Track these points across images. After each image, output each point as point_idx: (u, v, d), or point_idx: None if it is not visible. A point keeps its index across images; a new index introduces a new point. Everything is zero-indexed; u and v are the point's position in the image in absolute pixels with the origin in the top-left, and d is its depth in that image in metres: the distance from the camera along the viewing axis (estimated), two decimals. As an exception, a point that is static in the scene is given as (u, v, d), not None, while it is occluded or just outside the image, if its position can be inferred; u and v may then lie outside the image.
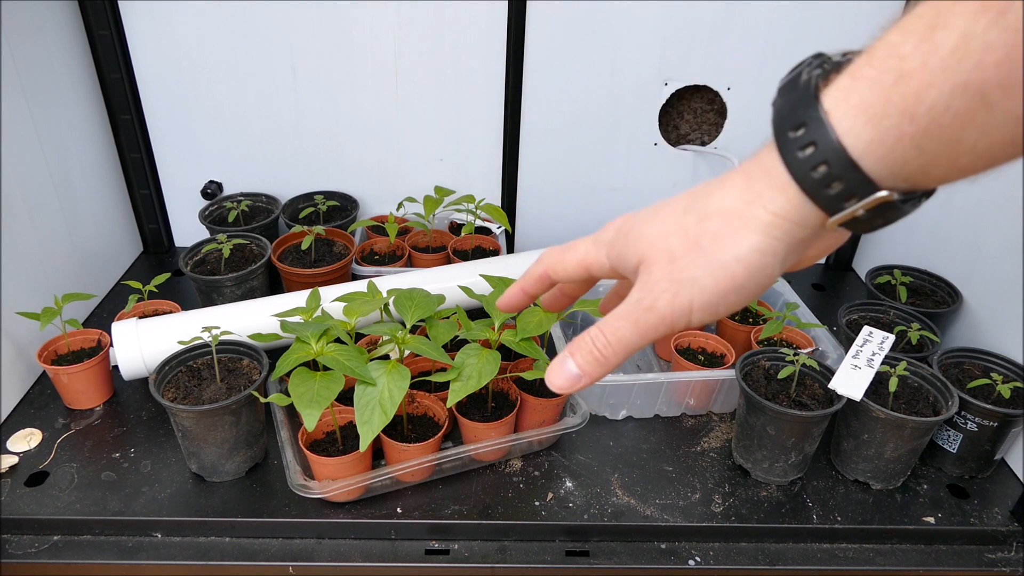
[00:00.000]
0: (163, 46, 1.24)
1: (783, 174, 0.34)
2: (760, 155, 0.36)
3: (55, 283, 1.12)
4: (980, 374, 0.97)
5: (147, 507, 0.86)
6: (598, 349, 0.40)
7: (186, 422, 0.85)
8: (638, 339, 0.39)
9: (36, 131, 1.09)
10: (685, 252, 0.37)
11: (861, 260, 1.46)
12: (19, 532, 0.85)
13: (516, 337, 0.89)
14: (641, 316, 0.39)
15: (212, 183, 1.36)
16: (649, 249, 0.39)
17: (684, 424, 1.04)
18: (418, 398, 0.93)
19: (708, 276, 0.37)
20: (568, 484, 0.92)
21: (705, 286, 0.37)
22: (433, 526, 0.86)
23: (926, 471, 0.97)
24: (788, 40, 1.25)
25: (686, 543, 0.87)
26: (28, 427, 0.98)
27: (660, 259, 0.38)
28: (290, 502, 0.88)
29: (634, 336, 0.39)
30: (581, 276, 0.46)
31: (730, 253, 0.36)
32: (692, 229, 0.38)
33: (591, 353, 0.41)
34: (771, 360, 0.97)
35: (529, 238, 1.46)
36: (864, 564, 0.86)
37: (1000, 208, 1.06)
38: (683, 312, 0.38)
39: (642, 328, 0.39)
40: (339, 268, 1.18)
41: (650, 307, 0.38)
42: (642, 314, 0.39)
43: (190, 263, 1.15)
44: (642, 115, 1.33)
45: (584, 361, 0.41)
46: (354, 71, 1.28)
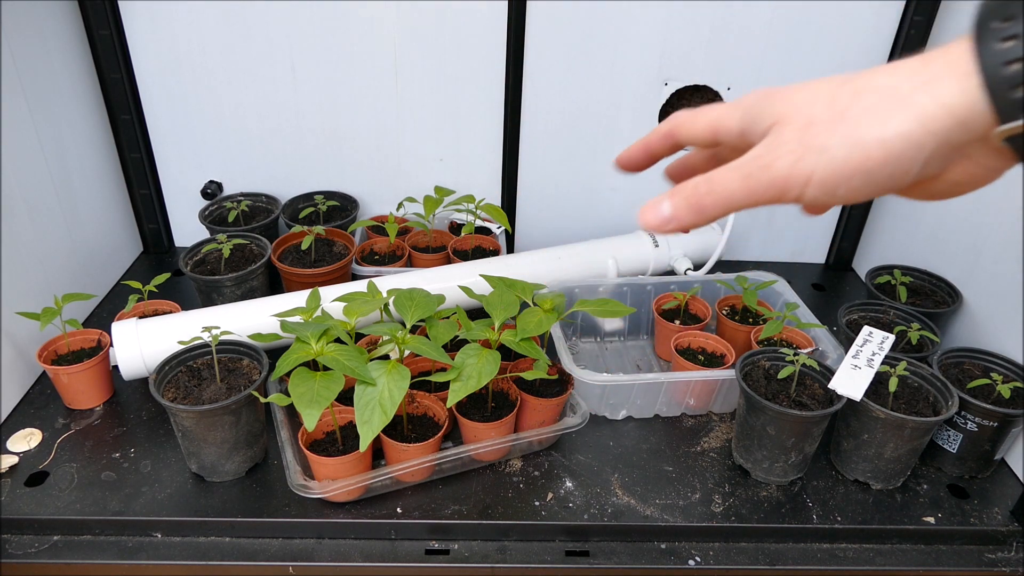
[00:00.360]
0: (163, 46, 1.24)
1: (969, 62, 0.32)
2: (947, 45, 0.33)
3: (55, 283, 1.12)
4: (980, 374, 0.97)
5: (147, 507, 0.86)
6: (698, 195, 0.38)
7: (186, 422, 0.85)
8: (743, 196, 0.36)
9: (36, 131, 1.09)
10: (826, 120, 0.35)
11: (861, 260, 1.46)
12: (19, 532, 0.85)
13: (516, 337, 0.89)
14: (754, 172, 0.36)
15: (212, 183, 1.36)
16: (789, 111, 0.36)
17: (684, 424, 1.04)
18: (418, 398, 0.93)
19: (841, 148, 0.34)
20: (568, 484, 0.92)
21: (834, 158, 0.34)
22: (433, 526, 0.86)
23: (926, 471, 0.97)
24: (788, 40, 1.25)
25: (686, 543, 0.87)
26: (28, 427, 0.98)
27: (796, 121, 0.36)
28: (290, 502, 0.88)
29: (740, 191, 0.37)
30: (707, 138, 0.43)
31: (875, 131, 0.33)
32: (843, 100, 0.35)
33: (689, 198, 0.38)
34: (771, 360, 0.97)
35: (529, 238, 1.46)
36: (864, 564, 0.86)
37: (1000, 208, 1.06)
38: (800, 179, 0.35)
39: (751, 185, 0.36)
40: (339, 268, 1.18)
41: (767, 165, 0.36)
42: (756, 170, 0.36)
43: (190, 263, 1.15)
44: (642, 115, 1.33)
45: (680, 203, 0.39)
46: (354, 71, 1.28)
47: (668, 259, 1.30)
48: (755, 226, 1.46)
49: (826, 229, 1.46)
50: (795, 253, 1.49)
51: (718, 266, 1.33)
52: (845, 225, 1.43)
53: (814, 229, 1.46)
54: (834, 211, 1.44)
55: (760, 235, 1.47)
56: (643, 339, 1.22)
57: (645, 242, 1.29)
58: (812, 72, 1.26)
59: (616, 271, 1.25)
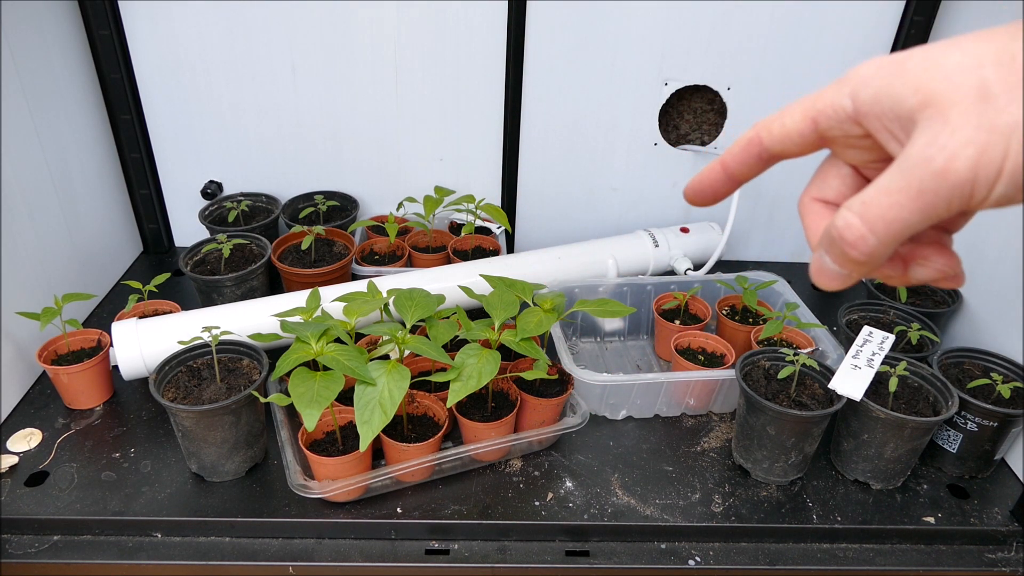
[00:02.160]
0: (163, 46, 1.24)
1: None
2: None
3: (55, 283, 1.12)
4: (980, 374, 0.97)
5: (147, 507, 0.86)
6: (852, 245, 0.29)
7: (186, 422, 0.85)
8: (919, 218, 0.27)
9: (36, 131, 1.09)
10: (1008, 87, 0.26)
11: (861, 260, 1.46)
12: (19, 532, 0.85)
13: (516, 337, 0.89)
14: (927, 182, 0.27)
15: (212, 183, 1.36)
16: (944, 83, 0.27)
17: (684, 424, 1.04)
18: (418, 398, 0.93)
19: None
20: (568, 484, 0.92)
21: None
22: (433, 526, 0.86)
23: (926, 471, 0.97)
24: (788, 40, 1.25)
25: (686, 543, 0.87)
26: (28, 427, 0.98)
27: (962, 97, 0.26)
28: (290, 502, 0.88)
29: (914, 215, 0.27)
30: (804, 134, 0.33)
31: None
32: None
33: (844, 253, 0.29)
34: (771, 360, 0.97)
35: (529, 238, 1.46)
36: (864, 564, 0.86)
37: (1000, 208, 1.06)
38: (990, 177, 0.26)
39: (927, 202, 0.27)
40: (339, 268, 1.18)
41: (943, 170, 0.26)
42: (928, 178, 0.27)
43: (190, 263, 1.15)
44: (642, 115, 1.33)
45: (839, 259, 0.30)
46: (354, 71, 1.28)
47: (668, 259, 1.30)
48: (755, 226, 1.46)
49: (826, 229, 1.46)
50: (795, 253, 1.49)
51: (718, 266, 1.33)
52: (845, 225, 1.43)
53: (814, 229, 1.46)
54: (834, 211, 1.44)
55: (760, 235, 1.47)
56: (643, 339, 1.22)
57: (645, 242, 1.29)
58: (812, 72, 1.26)
59: (616, 271, 1.25)
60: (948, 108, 0.27)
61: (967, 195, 0.27)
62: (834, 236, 0.29)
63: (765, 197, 1.42)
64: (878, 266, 0.30)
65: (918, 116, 0.27)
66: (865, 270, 0.30)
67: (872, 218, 0.28)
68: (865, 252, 0.29)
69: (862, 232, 0.28)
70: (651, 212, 1.43)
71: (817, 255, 0.31)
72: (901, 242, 0.29)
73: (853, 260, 0.29)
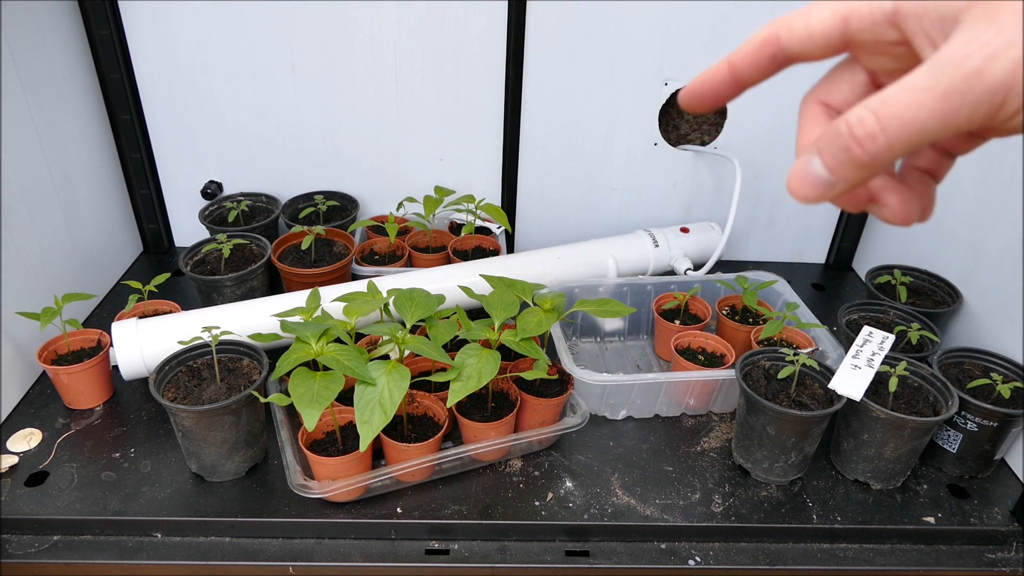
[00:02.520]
0: (163, 46, 1.24)
1: None
2: None
3: (55, 283, 1.12)
4: (980, 374, 0.97)
5: (147, 507, 0.86)
6: (859, 142, 0.26)
7: (186, 422, 0.85)
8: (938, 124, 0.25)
9: (36, 131, 1.09)
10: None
11: (861, 260, 1.46)
12: (19, 532, 0.85)
13: (516, 337, 0.89)
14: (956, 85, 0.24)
15: (212, 183, 1.36)
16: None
17: (684, 424, 1.04)
18: (418, 398, 0.93)
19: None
20: (568, 484, 0.92)
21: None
22: (433, 526, 0.86)
23: (926, 471, 0.97)
24: (788, 40, 1.25)
25: (686, 543, 0.87)
26: (28, 427, 0.98)
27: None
28: (290, 502, 0.88)
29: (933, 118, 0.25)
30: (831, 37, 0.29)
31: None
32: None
33: (848, 151, 0.26)
34: (771, 360, 0.97)
35: (529, 238, 1.46)
36: (864, 564, 0.86)
37: (1000, 208, 1.06)
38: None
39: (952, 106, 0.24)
40: (339, 268, 1.18)
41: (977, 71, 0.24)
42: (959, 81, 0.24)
43: (190, 263, 1.15)
44: (642, 115, 1.33)
45: (836, 161, 0.27)
46: (354, 71, 1.28)
47: (668, 259, 1.30)
48: (755, 226, 1.46)
49: (826, 229, 1.46)
50: (795, 253, 1.49)
51: (718, 266, 1.33)
52: (845, 225, 1.43)
53: (814, 229, 1.46)
54: (834, 210, 1.44)
55: (760, 235, 1.47)
56: (643, 339, 1.22)
57: (645, 242, 1.29)
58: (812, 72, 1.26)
59: (616, 271, 1.25)
60: (998, 9, 0.24)
61: (997, 104, 0.24)
62: (841, 131, 0.26)
63: (765, 197, 1.42)
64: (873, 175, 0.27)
65: (963, 16, 0.25)
66: (860, 176, 0.27)
67: (886, 115, 0.25)
68: (871, 152, 0.26)
69: (873, 129, 0.25)
70: (651, 212, 1.43)
71: (804, 158, 0.28)
72: (911, 150, 0.26)
73: (854, 160, 0.26)
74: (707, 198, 1.42)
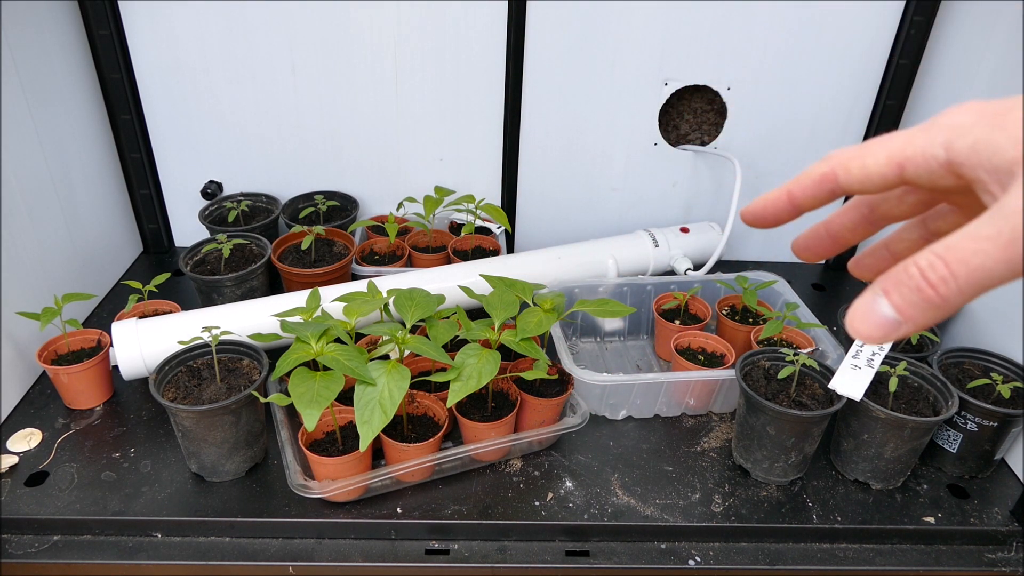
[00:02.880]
0: (163, 46, 1.24)
1: None
2: None
3: (55, 283, 1.12)
4: (980, 374, 0.97)
5: (147, 507, 0.86)
6: (933, 285, 0.27)
7: (186, 422, 0.85)
8: (1006, 270, 0.26)
9: (36, 131, 1.09)
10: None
11: (861, 260, 1.46)
12: (19, 532, 0.85)
13: (516, 337, 0.89)
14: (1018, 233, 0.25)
15: (212, 183, 1.36)
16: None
17: (684, 424, 1.04)
18: (418, 398, 0.93)
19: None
20: (568, 484, 0.92)
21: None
22: (433, 526, 0.86)
23: (926, 471, 0.97)
24: (788, 40, 1.25)
25: (686, 543, 0.87)
26: (28, 427, 0.98)
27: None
28: (290, 502, 0.88)
29: (1000, 265, 0.26)
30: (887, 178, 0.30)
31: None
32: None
33: (920, 292, 0.27)
34: (771, 360, 0.97)
35: (529, 238, 1.46)
36: (864, 564, 0.86)
37: None
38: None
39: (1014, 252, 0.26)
40: (339, 268, 1.18)
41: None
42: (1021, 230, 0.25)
43: (190, 263, 1.15)
44: (642, 115, 1.33)
45: (907, 302, 0.27)
46: (354, 71, 1.28)
47: (668, 259, 1.30)
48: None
49: (826, 229, 1.46)
50: (795, 253, 1.49)
51: (718, 266, 1.33)
52: (845, 225, 1.43)
53: (814, 229, 1.46)
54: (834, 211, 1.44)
55: (760, 235, 1.47)
56: (643, 339, 1.22)
57: (645, 242, 1.29)
58: (812, 72, 1.26)
59: (616, 271, 1.25)
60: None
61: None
62: (912, 273, 0.27)
63: (765, 197, 1.41)
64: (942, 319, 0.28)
65: (1018, 168, 0.26)
66: (930, 319, 0.28)
67: (954, 261, 0.26)
68: (943, 295, 0.27)
69: (945, 274, 0.26)
70: (651, 212, 1.43)
71: (870, 297, 0.28)
72: (979, 294, 0.27)
73: (927, 302, 0.27)
74: (707, 198, 1.42)
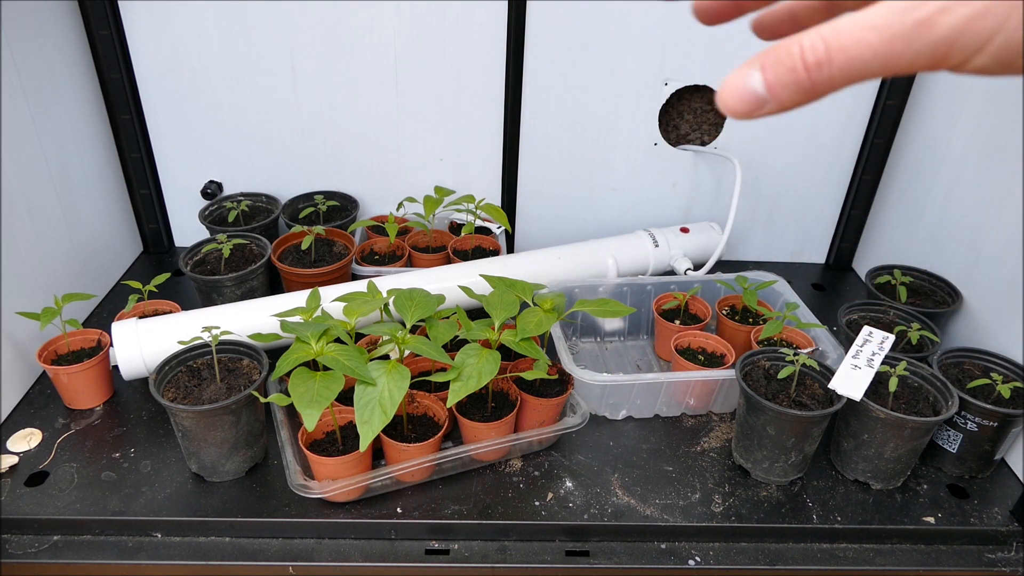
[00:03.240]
0: (163, 46, 1.24)
1: None
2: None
3: (55, 283, 1.12)
4: (980, 374, 0.97)
5: (147, 507, 0.86)
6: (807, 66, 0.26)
7: (186, 422, 0.85)
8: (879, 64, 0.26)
9: (36, 131, 1.09)
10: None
11: (861, 260, 1.46)
12: (19, 532, 0.85)
13: (516, 337, 0.89)
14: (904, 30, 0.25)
15: (212, 183, 1.36)
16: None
17: (684, 424, 1.04)
18: (418, 398, 0.93)
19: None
20: (568, 484, 0.92)
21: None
22: (433, 526, 0.86)
23: (926, 471, 0.97)
24: (788, 40, 1.25)
25: (686, 543, 0.87)
26: (28, 427, 0.98)
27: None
28: (290, 502, 0.88)
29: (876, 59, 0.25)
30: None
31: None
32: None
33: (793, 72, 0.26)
34: (771, 360, 0.97)
35: (529, 238, 1.46)
36: (864, 564, 0.86)
37: (1000, 208, 1.06)
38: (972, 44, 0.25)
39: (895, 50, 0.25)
40: (339, 268, 1.18)
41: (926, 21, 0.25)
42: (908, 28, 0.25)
43: (190, 263, 1.15)
44: (642, 115, 1.33)
45: (778, 78, 0.27)
46: (354, 71, 1.28)
47: (668, 259, 1.30)
48: (755, 226, 1.46)
49: (826, 229, 1.46)
50: (795, 253, 1.49)
51: (718, 266, 1.33)
52: (845, 225, 1.43)
53: (814, 229, 1.46)
54: (835, 211, 1.44)
55: (760, 235, 1.47)
56: (643, 339, 1.22)
57: (645, 242, 1.29)
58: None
59: (616, 271, 1.25)
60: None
61: (940, 56, 0.25)
62: (792, 52, 0.26)
63: (765, 197, 1.42)
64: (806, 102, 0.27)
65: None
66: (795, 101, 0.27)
67: (836, 46, 0.26)
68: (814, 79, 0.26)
69: (822, 58, 0.26)
70: (651, 212, 1.43)
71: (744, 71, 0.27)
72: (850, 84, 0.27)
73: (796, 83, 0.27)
74: (707, 198, 1.42)
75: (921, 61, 0.25)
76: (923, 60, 0.25)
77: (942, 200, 1.20)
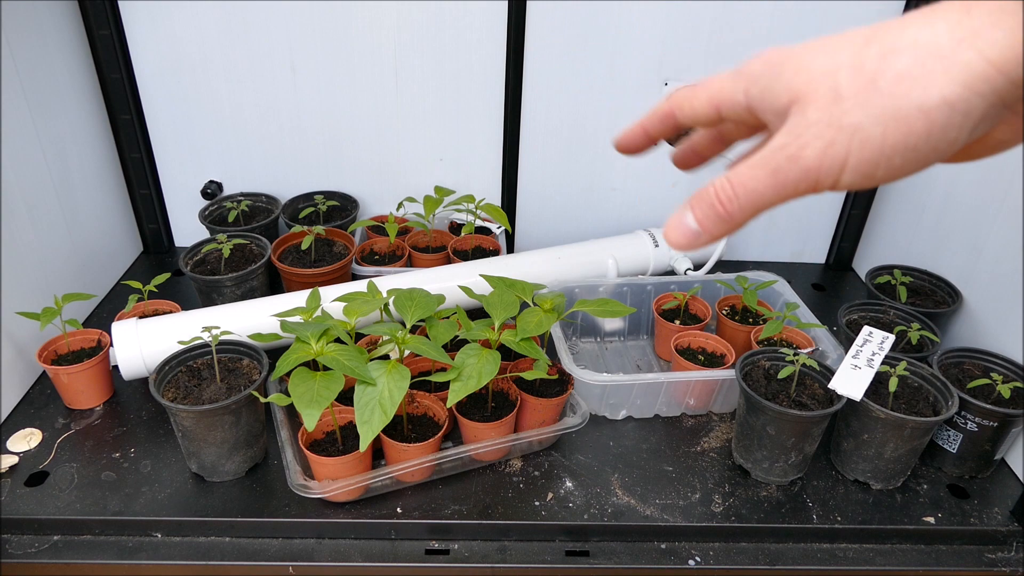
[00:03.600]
0: (163, 46, 1.24)
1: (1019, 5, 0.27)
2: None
3: (55, 283, 1.12)
4: (980, 374, 0.97)
5: (147, 507, 0.86)
6: (721, 203, 0.34)
7: (186, 422, 0.85)
8: (773, 194, 0.33)
9: (36, 131, 1.09)
10: (855, 92, 0.30)
11: (861, 260, 1.46)
12: (19, 532, 0.85)
13: (516, 337, 0.89)
14: (782, 166, 0.32)
15: (212, 183, 1.36)
16: (808, 85, 0.32)
17: (684, 424, 1.04)
18: (418, 398, 0.93)
19: (877, 125, 0.29)
20: (568, 484, 0.92)
21: (869, 137, 0.30)
22: (433, 526, 0.86)
23: (926, 471, 0.97)
24: (788, 40, 1.24)
25: (686, 543, 0.87)
26: (28, 427, 0.98)
27: (820, 98, 0.31)
28: (290, 502, 0.88)
29: (769, 190, 0.33)
30: (710, 116, 0.38)
31: (914, 100, 0.29)
32: (871, 64, 0.30)
33: (713, 208, 0.34)
34: (771, 360, 0.97)
35: (529, 238, 1.46)
36: (864, 564, 0.86)
37: (1000, 208, 1.06)
38: (833, 168, 0.31)
39: (780, 181, 0.32)
40: (339, 268, 1.18)
41: (794, 156, 0.31)
42: (783, 163, 0.32)
43: (190, 263, 1.15)
44: (642, 115, 1.33)
45: (704, 215, 0.34)
46: (354, 71, 1.28)
47: (668, 259, 1.30)
48: (755, 226, 1.46)
49: (826, 229, 1.46)
50: (795, 253, 1.49)
51: (718, 266, 1.33)
52: (845, 225, 1.43)
53: (814, 229, 1.46)
54: (835, 211, 1.44)
55: (760, 235, 1.47)
56: (643, 339, 1.22)
57: (645, 242, 1.29)
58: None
59: (616, 271, 1.25)
60: (807, 105, 0.32)
61: (813, 180, 0.32)
62: (709, 192, 0.34)
63: (765, 197, 1.41)
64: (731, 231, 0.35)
65: (789, 111, 0.33)
66: (721, 230, 0.35)
67: (738, 184, 0.33)
68: (729, 211, 0.34)
69: (731, 194, 0.33)
70: (651, 212, 1.43)
71: (681, 212, 0.36)
72: (759, 212, 0.34)
73: (717, 216, 0.34)
74: (707, 198, 1.42)
75: (803, 187, 0.32)
76: (804, 186, 0.32)
77: (942, 200, 1.20)
